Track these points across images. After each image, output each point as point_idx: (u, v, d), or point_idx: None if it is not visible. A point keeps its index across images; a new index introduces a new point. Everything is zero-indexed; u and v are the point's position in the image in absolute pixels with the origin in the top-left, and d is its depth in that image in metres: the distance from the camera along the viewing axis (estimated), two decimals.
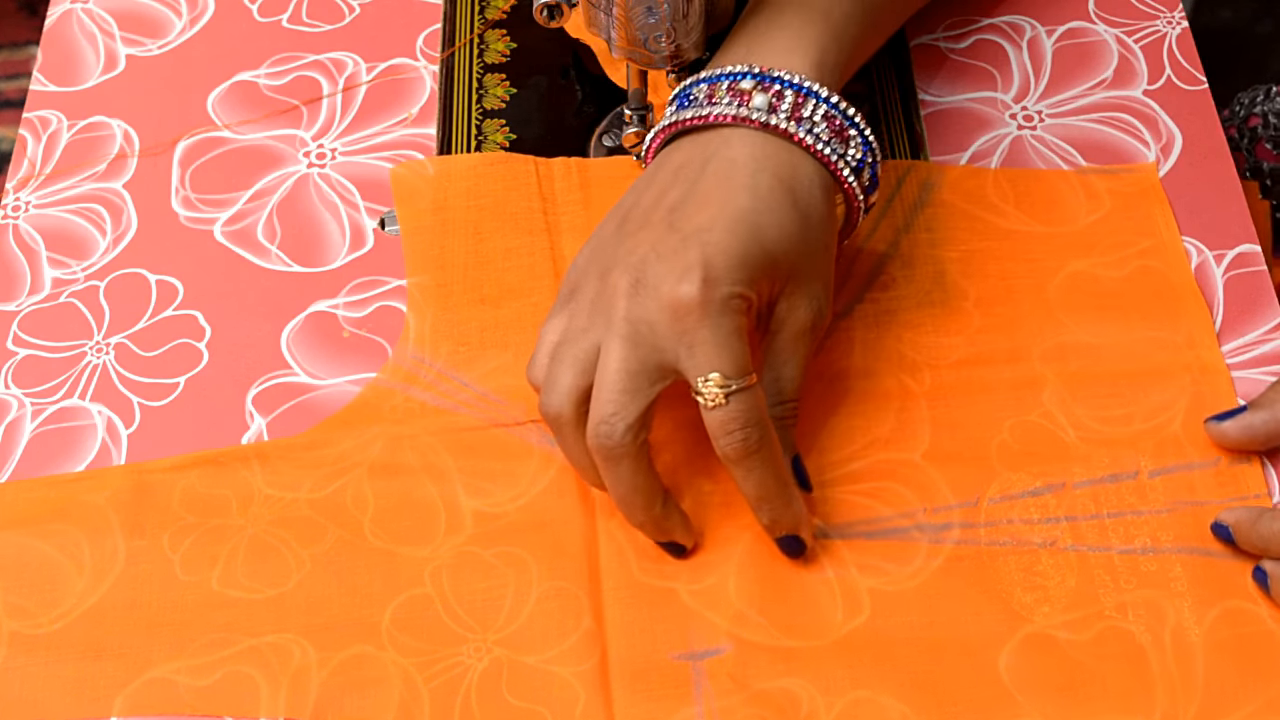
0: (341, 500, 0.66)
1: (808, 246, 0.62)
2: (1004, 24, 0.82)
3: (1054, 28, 0.82)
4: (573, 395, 0.60)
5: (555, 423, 0.61)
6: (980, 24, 0.82)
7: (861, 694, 0.60)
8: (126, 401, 0.69)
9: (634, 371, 0.59)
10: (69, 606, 0.63)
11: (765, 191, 0.61)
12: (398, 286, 0.73)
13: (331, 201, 0.76)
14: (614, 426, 0.59)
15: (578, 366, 0.60)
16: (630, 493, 0.61)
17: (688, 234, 0.60)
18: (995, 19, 0.82)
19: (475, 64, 0.81)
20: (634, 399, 0.59)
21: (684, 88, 0.65)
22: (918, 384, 0.67)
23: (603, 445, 0.59)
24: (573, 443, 0.61)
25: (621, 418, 0.59)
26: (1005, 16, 0.82)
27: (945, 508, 0.64)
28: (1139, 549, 0.63)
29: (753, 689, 0.60)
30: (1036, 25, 0.82)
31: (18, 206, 0.76)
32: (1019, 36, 0.81)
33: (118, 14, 0.84)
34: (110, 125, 0.79)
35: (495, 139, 0.77)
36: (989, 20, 0.82)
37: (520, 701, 0.60)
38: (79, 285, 0.74)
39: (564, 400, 0.60)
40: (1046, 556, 0.63)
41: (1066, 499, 0.65)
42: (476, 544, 0.65)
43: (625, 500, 0.61)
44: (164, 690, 0.61)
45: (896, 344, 0.69)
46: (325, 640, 0.62)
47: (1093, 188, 0.73)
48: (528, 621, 0.62)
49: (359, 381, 0.70)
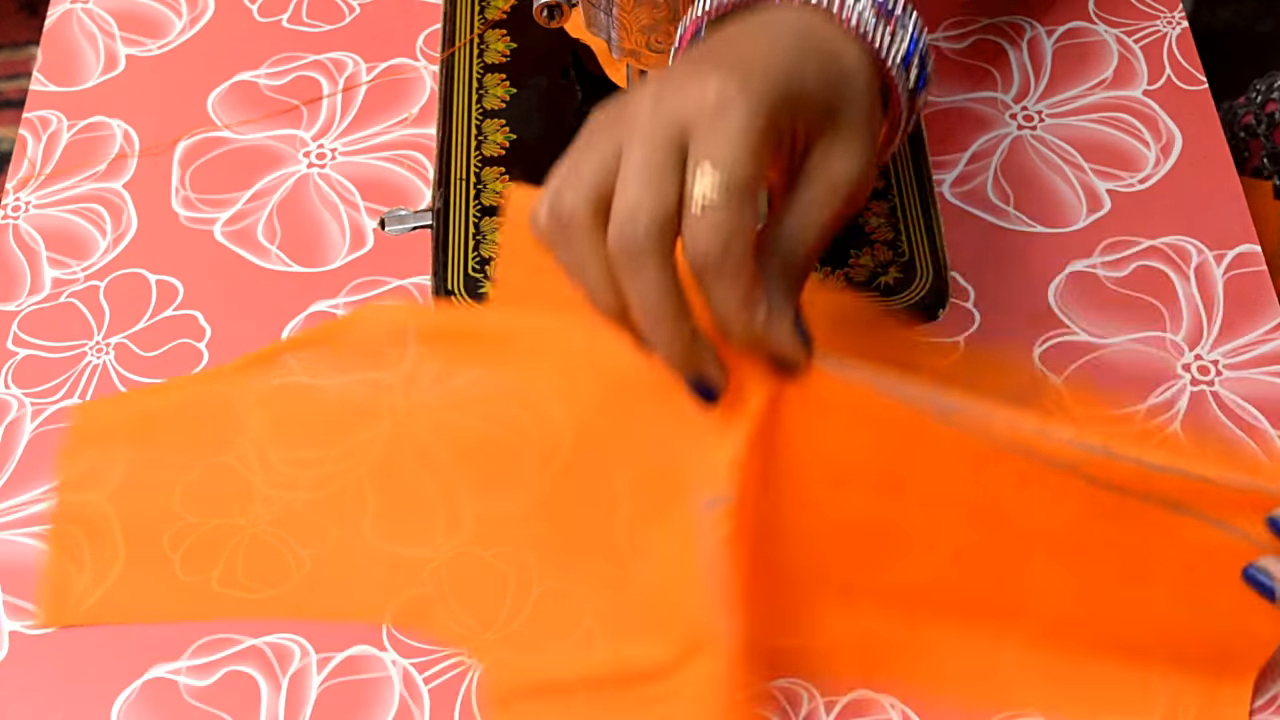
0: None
1: (852, 97, 0.56)
2: (1004, 24, 0.82)
3: (1054, 28, 0.82)
4: (591, 193, 0.52)
5: (568, 225, 0.52)
6: (980, 24, 0.82)
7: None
8: None
9: (661, 163, 0.51)
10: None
11: (810, 49, 0.55)
12: (398, 287, 0.73)
13: (331, 201, 0.76)
14: (639, 222, 0.50)
15: (597, 163, 0.52)
16: (659, 302, 0.52)
17: (719, 64, 0.53)
18: (995, 19, 0.82)
19: (475, 64, 0.81)
20: (664, 190, 0.51)
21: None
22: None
23: (628, 246, 0.51)
24: (587, 251, 0.52)
25: (647, 210, 0.50)
26: (1005, 16, 0.82)
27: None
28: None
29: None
30: (1036, 25, 0.82)
31: (18, 206, 0.76)
32: (1019, 36, 0.81)
33: (118, 14, 0.84)
34: (110, 125, 0.79)
35: (495, 139, 0.77)
36: (989, 20, 0.82)
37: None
38: (79, 285, 0.74)
39: (580, 197, 0.52)
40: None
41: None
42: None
43: (653, 313, 0.52)
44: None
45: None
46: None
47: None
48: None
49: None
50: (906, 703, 0.60)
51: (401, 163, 0.77)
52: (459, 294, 0.72)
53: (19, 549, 0.65)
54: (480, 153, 0.77)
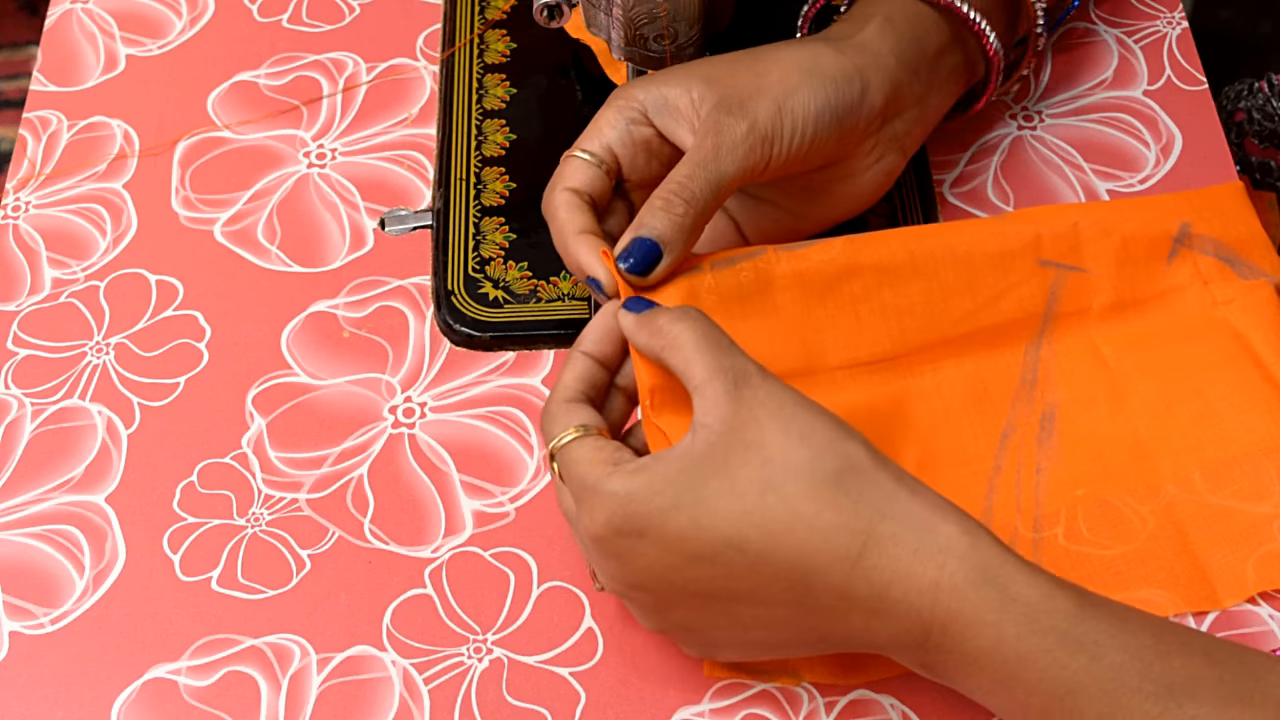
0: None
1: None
2: None
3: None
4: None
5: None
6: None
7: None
8: (126, 401, 0.69)
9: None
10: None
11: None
12: (398, 286, 0.73)
13: (331, 201, 0.76)
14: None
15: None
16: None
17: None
18: None
19: (475, 64, 0.81)
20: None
21: None
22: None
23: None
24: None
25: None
26: None
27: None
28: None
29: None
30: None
31: (18, 206, 0.76)
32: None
33: (118, 14, 0.84)
34: (110, 125, 0.79)
35: (495, 139, 0.77)
36: None
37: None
38: (79, 285, 0.74)
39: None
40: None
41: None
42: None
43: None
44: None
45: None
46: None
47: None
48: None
49: (359, 381, 0.70)
50: (906, 703, 0.60)
51: (401, 163, 0.77)
52: (459, 294, 0.72)
53: (19, 549, 0.65)
54: (480, 153, 0.77)
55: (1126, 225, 0.67)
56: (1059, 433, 0.65)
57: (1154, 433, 0.65)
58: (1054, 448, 0.65)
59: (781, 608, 0.53)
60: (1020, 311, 0.66)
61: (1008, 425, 0.65)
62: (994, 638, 0.50)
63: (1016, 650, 0.50)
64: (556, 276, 0.72)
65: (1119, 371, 0.66)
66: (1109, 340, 0.67)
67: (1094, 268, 0.67)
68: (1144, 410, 0.66)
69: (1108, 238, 0.67)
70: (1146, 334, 0.67)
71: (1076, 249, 0.67)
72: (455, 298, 0.72)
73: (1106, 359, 0.67)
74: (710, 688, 0.61)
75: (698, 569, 0.53)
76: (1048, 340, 0.67)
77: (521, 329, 0.71)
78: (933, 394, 0.65)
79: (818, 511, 0.51)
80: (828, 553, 0.51)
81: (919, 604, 0.51)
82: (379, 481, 0.67)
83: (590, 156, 0.62)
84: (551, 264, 0.72)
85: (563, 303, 0.71)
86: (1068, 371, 0.66)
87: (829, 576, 0.51)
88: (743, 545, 0.52)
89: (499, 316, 0.71)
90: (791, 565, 0.52)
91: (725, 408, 0.53)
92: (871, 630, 0.53)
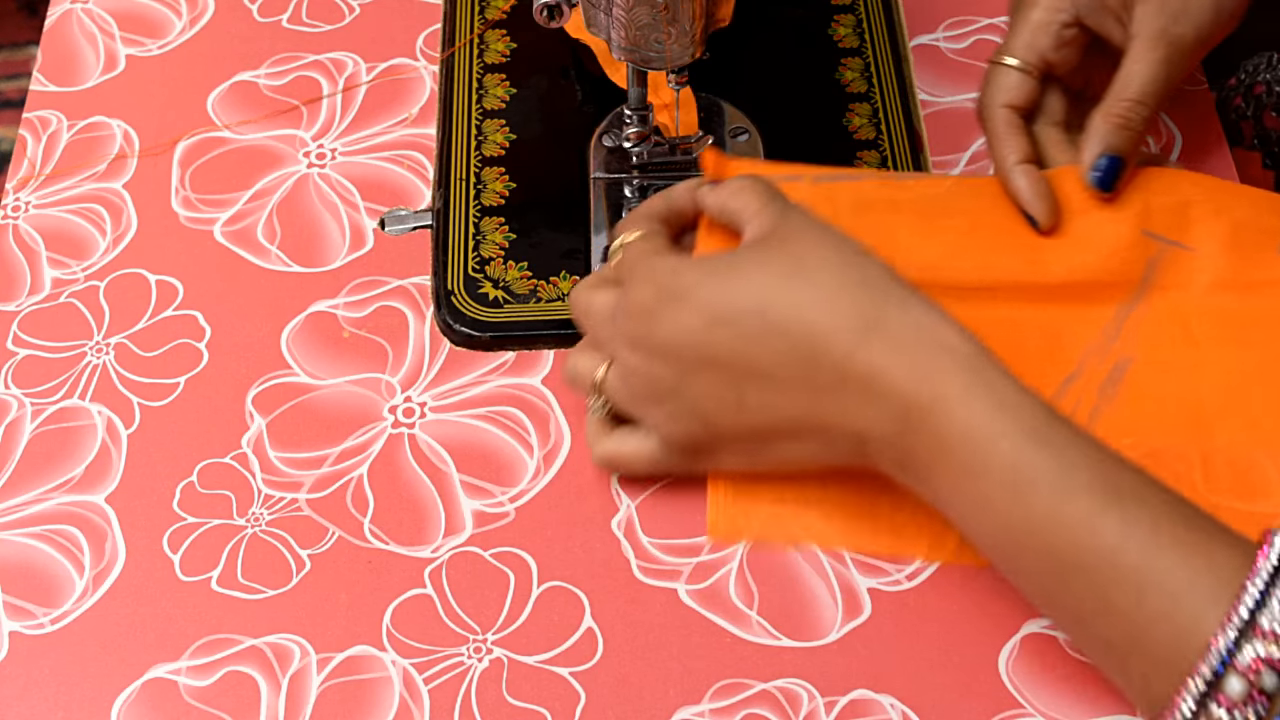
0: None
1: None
2: (1004, 24, 0.82)
3: None
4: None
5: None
6: (980, 24, 0.82)
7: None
8: (126, 401, 0.69)
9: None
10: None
11: None
12: (398, 286, 0.73)
13: (331, 201, 0.76)
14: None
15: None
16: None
17: None
18: (995, 19, 0.82)
19: (475, 64, 0.81)
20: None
21: None
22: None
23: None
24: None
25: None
26: (1005, 17, 0.82)
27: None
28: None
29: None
30: None
31: (18, 206, 0.76)
32: None
33: (118, 14, 0.84)
34: (110, 125, 0.79)
35: (495, 139, 0.77)
36: (989, 20, 0.82)
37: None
38: (79, 285, 0.74)
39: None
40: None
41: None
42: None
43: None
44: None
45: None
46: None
47: None
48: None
49: (359, 381, 0.70)
50: (906, 703, 0.60)
51: (401, 163, 0.78)
52: (459, 294, 0.72)
53: (19, 549, 0.65)
54: (480, 153, 0.77)
55: (1239, 209, 0.68)
56: (1126, 384, 0.65)
57: (1219, 405, 0.65)
58: (1116, 395, 0.65)
59: (786, 386, 0.58)
60: (1114, 275, 0.67)
61: (1077, 369, 0.66)
62: (965, 419, 0.54)
63: (987, 433, 0.54)
64: (556, 276, 0.72)
65: (1205, 346, 0.66)
66: (1202, 319, 0.67)
67: (1200, 247, 0.67)
68: (1218, 384, 0.66)
69: (1218, 218, 0.67)
70: (1242, 317, 0.67)
71: (1184, 226, 0.67)
72: (455, 298, 0.72)
73: (1195, 334, 0.66)
74: (710, 688, 0.61)
75: (719, 332, 0.58)
76: (1139, 307, 0.67)
77: (521, 329, 0.71)
78: (1010, 326, 0.66)
79: (836, 295, 0.57)
80: (837, 327, 0.57)
81: (906, 388, 0.56)
82: (379, 481, 0.67)
83: (1024, 64, 0.69)
84: (551, 264, 0.73)
85: (562, 303, 0.71)
86: (1151, 338, 0.66)
87: (832, 351, 0.57)
88: (764, 312, 0.58)
89: (499, 316, 0.71)
90: (802, 335, 0.57)
91: (772, 226, 0.61)
92: (863, 415, 0.57)
